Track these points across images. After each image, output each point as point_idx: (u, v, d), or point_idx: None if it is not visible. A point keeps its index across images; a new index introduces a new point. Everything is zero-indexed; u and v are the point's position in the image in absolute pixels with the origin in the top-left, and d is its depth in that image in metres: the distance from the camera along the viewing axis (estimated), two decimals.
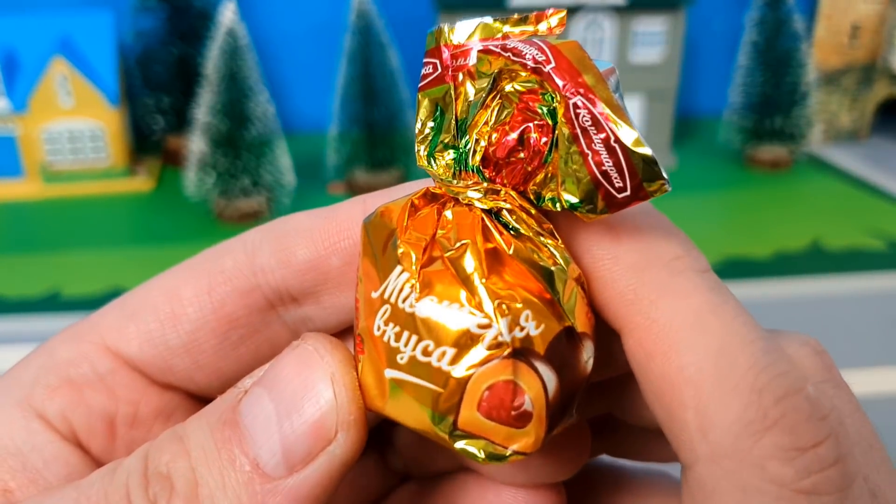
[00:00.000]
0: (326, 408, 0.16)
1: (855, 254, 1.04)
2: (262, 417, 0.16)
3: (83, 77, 1.14)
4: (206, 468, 0.15)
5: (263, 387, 0.16)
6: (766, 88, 1.22)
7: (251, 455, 0.16)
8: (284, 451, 0.15)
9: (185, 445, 0.16)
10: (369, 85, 1.13)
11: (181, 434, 0.16)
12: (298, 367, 0.16)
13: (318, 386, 0.16)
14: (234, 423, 0.16)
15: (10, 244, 1.09)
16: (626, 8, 1.18)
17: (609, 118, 0.19)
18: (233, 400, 0.16)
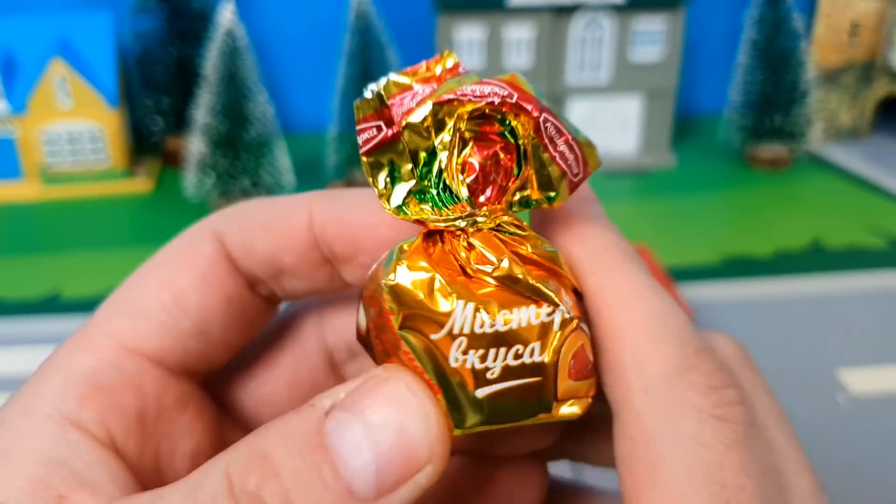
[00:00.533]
0: (419, 440, 0.17)
1: (855, 252, 1.04)
2: (352, 443, 0.17)
3: (82, 78, 1.14)
4: (299, 490, 0.16)
5: (353, 413, 0.17)
6: (766, 87, 1.23)
7: (345, 480, 0.17)
8: (377, 478, 0.17)
9: (274, 465, 0.16)
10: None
11: (265, 453, 0.17)
12: (392, 401, 0.18)
13: (413, 420, 0.18)
14: (324, 446, 0.17)
15: (9, 246, 1.09)
16: (626, 7, 1.18)
17: (563, 124, 0.23)
18: (316, 422, 0.17)
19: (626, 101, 1.26)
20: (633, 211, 1.17)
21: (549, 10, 1.17)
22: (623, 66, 1.23)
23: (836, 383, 0.78)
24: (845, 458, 0.69)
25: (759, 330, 0.87)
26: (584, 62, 1.23)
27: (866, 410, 0.75)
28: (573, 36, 1.21)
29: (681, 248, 1.04)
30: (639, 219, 1.15)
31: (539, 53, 1.20)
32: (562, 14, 1.19)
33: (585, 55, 1.22)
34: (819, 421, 0.73)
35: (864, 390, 0.78)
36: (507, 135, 0.23)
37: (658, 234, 1.07)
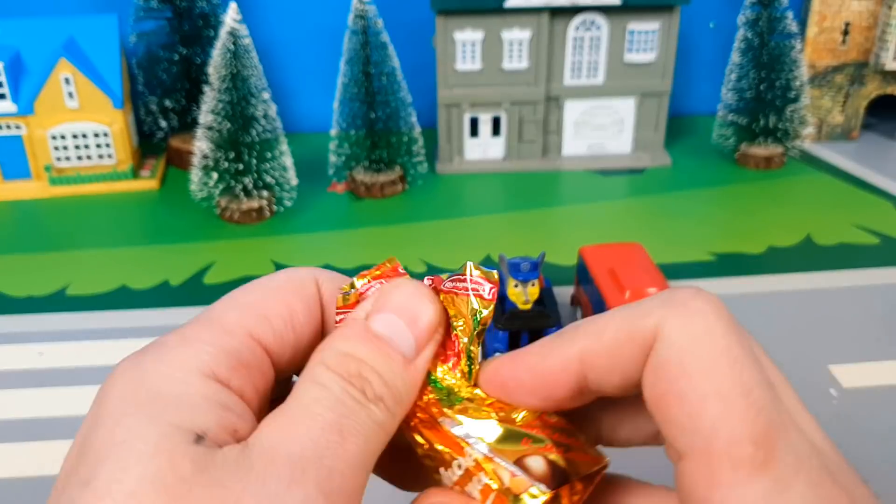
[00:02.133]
0: (432, 312, 0.26)
1: (847, 249, 1.06)
2: (391, 327, 0.25)
3: (88, 79, 1.16)
4: (378, 365, 0.24)
5: (383, 311, 0.25)
6: (759, 87, 1.24)
7: (398, 350, 0.25)
8: (416, 342, 0.25)
9: (354, 355, 0.24)
10: (369, 85, 1.15)
11: (343, 351, 0.24)
12: (405, 292, 0.26)
13: (428, 302, 0.26)
14: (377, 335, 0.25)
15: (17, 244, 1.11)
16: (621, 8, 1.20)
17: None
18: (363, 325, 0.25)
19: (622, 101, 1.27)
20: (627, 209, 1.19)
21: (546, 12, 1.19)
22: (618, 66, 1.25)
23: (828, 378, 0.80)
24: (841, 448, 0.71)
25: (751, 326, 0.89)
26: (580, 63, 1.25)
27: (858, 404, 0.77)
28: (568, 37, 1.22)
29: (675, 245, 1.06)
30: (633, 217, 1.17)
31: (536, 54, 1.21)
32: (558, 15, 1.20)
33: (581, 56, 1.24)
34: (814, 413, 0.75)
35: (856, 385, 0.79)
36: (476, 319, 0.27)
37: (652, 232, 1.09)
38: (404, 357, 0.25)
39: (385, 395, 0.24)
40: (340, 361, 0.24)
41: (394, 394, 0.25)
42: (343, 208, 1.18)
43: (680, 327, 0.23)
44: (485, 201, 1.21)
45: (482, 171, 1.28)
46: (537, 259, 0.79)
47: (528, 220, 1.15)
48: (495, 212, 1.18)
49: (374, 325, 0.25)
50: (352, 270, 1.13)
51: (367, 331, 0.25)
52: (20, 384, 0.83)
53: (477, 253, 1.05)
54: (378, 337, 0.25)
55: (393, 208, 1.18)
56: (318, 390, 0.24)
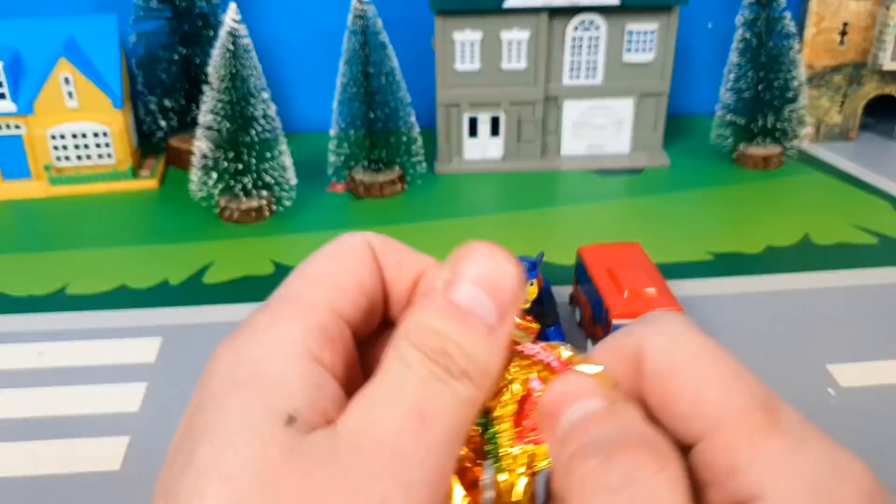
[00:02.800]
0: (512, 277, 0.25)
1: (844, 249, 1.06)
2: (472, 296, 0.24)
3: (88, 79, 1.16)
4: (462, 338, 0.24)
5: (462, 280, 0.24)
6: (758, 87, 1.25)
7: (482, 320, 0.24)
8: (499, 314, 0.24)
9: (437, 330, 0.24)
10: (368, 85, 1.16)
11: (426, 325, 0.24)
12: (482, 258, 0.25)
13: (502, 264, 0.25)
14: (459, 307, 0.24)
15: (17, 243, 1.11)
16: (620, 8, 1.20)
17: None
18: (443, 297, 0.24)
19: (620, 101, 1.28)
20: (626, 209, 1.19)
21: (545, 12, 1.19)
22: (616, 67, 1.25)
23: (826, 377, 0.80)
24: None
25: (749, 325, 0.89)
26: (579, 63, 1.25)
27: (856, 403, 0.77)
28: (568, 36, 1.22)
29: (673, 245, 1.06)
30: (632, 217, 1.17)
31: (535, 55, 1.22)
32: (557, 16, 1.21)
33: (580, 56, 1.24)
34: (811, 414, 0.75)
35: (854, 384, 0.79)
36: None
37: (651, 232, 1.09)
38: (487, 327, 0.24)
39: (470, 369, 0.24)
40: (424, 337, 0.24)
41: (480, 366, 0.24)
42: (342, 208, 1.18)
43: (660, 337, 0.25)
44: (484, 201, 1.22)
45: (481, 171, 1.28)
46: (536, 259, 0.80)
47: (527, 220, 1.15)
48: (494, 212, 1.19)
49: (455, 296, 0.24)
50: None
51: (448, 303, 0.24)
52: (20, 383, 0.84)
53: None
54: (460, 308, 0.24)
55: (392, 208, 1.18)
56: (401, 370, 0.23)
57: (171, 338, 0.89)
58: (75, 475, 0.72)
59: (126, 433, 0.77)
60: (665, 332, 0.25)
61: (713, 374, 0.24)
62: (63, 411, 0.80)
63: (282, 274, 1.03)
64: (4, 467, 0.73)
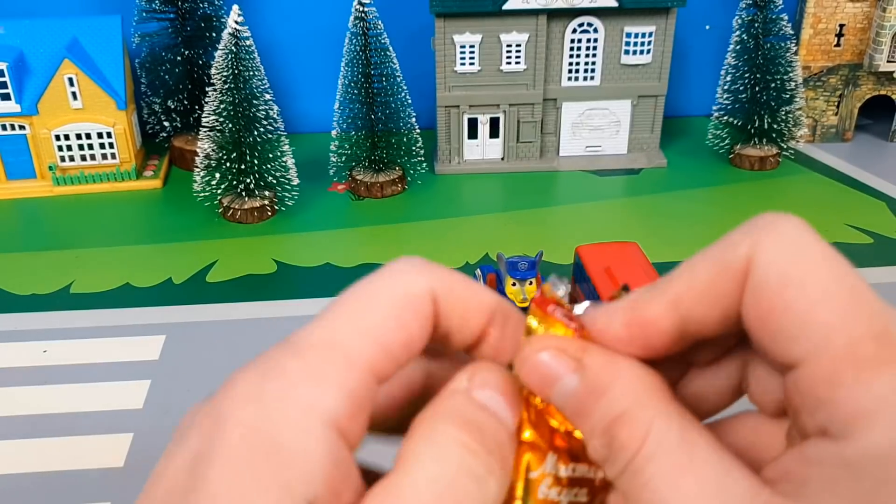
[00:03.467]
0: (515, 394, 0.25)
1: (841, 248, 1.06)
2: (497, 402, 0.24)
3: (92, 80, 1.17)
4: (497, 432, 0.23)
5: (481, 385, 0.24)
6: (754, 88, 1.25)
7: (503, 420, 0.24)
8: (515, 420, 0.24)
9: (468, 419, 0.23)
10: (369, 87, 1.17)
11: (458, 415, 0.23)
12: (496, 371, 0.25)
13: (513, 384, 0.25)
14: (483, 406, 0.24)
15: (21, 243, 1.12)
16: (618, 10, 1.21)
17: None
18: (467, 397, 0.24)
19: (618, 102, 1.29)
20: (623, 209, 1.20)
21: (544, 15, 1.20)
22: (615, 68, 1.26)
23: None
24: None
25: None
26: (578, 65, 1.26)
27: None
28: (567, 39, 1.24)
29: (670, 244, 1.07)
30: (629, 217, 1.18)
31: (534, 57, 1.23)
32: (556, 18, 1.22)
33: (578, 58, 1.25)
34: None
35: None
36: None
37: (648, 232, 1.10)
38: (504, 424, 0.24)
39: (500, 464, 0.23)
40: (460, 426, 0.23)
41: (506, 468, 0.23)
42: (343, 207, 1.20)
43: (772, 246, 0.22)
44: (483, 201, 1.23)
45: (481, 172, 1.29)
46: (535, 258, 0.81)
47: (526, 220, 1.16)
48: (493, 211, 1.20)
49: (479, 396, 0.24)
50: (352, 268, 1.14)
51: (472, 401, 0.24)
52: (25, 381, 0.85)
53: (475, 252, 1.07)
54: (487, 407, 0.24)
55: (393, 208, 1.19)
56: (434, 467, 0.22)
57: (174, 336, 0.90)
58: (79, 471, 0.73)
59: (130, 430, 0.78)
60: (780, 238, 0.22)
61: (828, 291, 0.21)
62: (67, 408, 0.81)
63: (284, 272, 1.04)
64: (9, 464, 0.74)
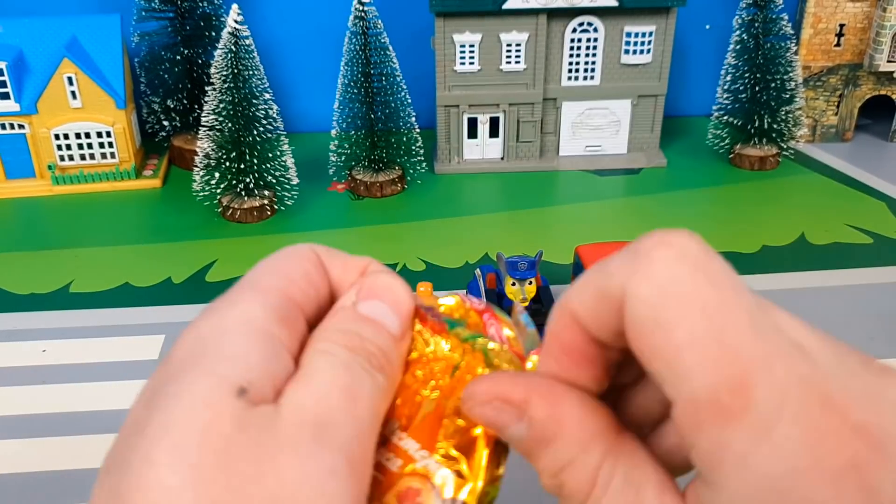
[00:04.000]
0: (409, 298, 0.28)
1: (840, 249, 1.07)
2: (381, 311, 0.28)
3: (91, 79, 1.17)
4: (378, 339, 0.27)
5: (370, 297, 0.28)
6: (754, 88, 1.25)
7: (388, 328, 0.27)
8: (401, 325, 0.28)
9: (357, 332, 0.27)
10: (369, 86, 1.17)
11: (347, 328, 0.27)
12: (386, 281, 0.28)
13: (401, 289, 0.28)
14: (368, 318, 0.27)
15: (21, 242, 1.12)
16: (618, 10, 1.21)
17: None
18: (354, 310, 0.28)
19: (618, 102, 1.29)
20: (623, 209, 1.20)
21: (544, 14, 1.20)
22: (614, 67, 1.26)
23: None
24: None
25: None
26: (577, 65, 1.26)
27: None
28: (566, 39, 1.23)
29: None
30: (629, 216, 1.18)
31: (533, 56, 1.23)
32: (555, 17, 1.22)
33: (578, 58, 1.25)
34: None
35: None
36: None
37: (648, 231, 1.10)
38: (393, 335, 0.28)
39: (385, 365, 0.27)
40: (344, 336, 0.26)
41: (392, 366, 0.27)
42: (343, 207, 1.19)
43: (643, 283, 0.22)
44: (483, 201, 1.23)
45: (480, 171, 1.29)
46: (534, 258, 0.81)
47: (526, 220, 1.16)
48: (493, 211, 1.20)
49: (364, 310, 0.28)
50: None
51: (359, 314, 0.27)
52: (24, 381, 0.84)
53: (475, 252, 1.07)
54: (371, 318, 0.27)
55: (392, 207, 1.19)
56: (328, 359, 0.26)
57: (173, 335, 0.90)
58: (79, 471, 0.73)
59: None
60: (651, 277, 0.22)
61: (694, 335, 0.21)
62: (66, 408, 0.81)
63: None
64: (8, 464, 0.74)
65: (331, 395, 0.24)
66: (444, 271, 1.03)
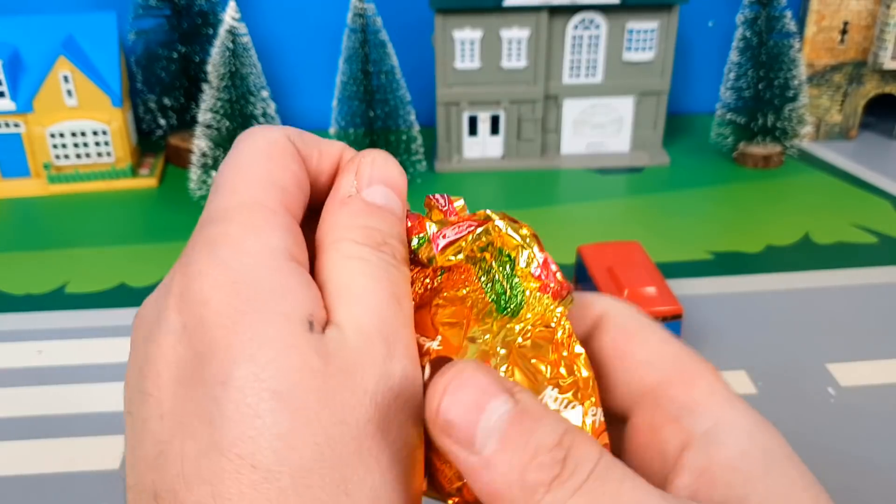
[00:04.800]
0: (404, 175, 0.29)
1: (844, 248, 1.06)
2: (386, 196, 0.28)
3: (87, 77, 1.16)
4: (392, 229, 0.27)
5: (379, 183, 0.28)
6: (758, 86, 1.25)
7: (394, 213, 0.28)
8: (403, 206, 0.28)
9: (375, 226, 0.27)
10: (368, 84, 1.16)
11: (364, 224, 0.27)
12: (387, 163, 0.28)
13: (397, 167, 0.29)
14: (378, 206, 0.27)
15: (16, 242, 1.11)
16: (620, 6, 1.20)
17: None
18: (362, 199, 0.27)
19: (620, 99, 1.28)
20: (626, 208, 1.19)
21: (545, 11, 1.19)
22: (617, 65, 1.25)
23: (826, 376, 0.80)
24: (839, 446, 0.71)
25: (749, 324, 0.89)
26: (579, 62, 1.25)
27: (856, 402, 0.77)
28: (568, 36, 1.22)
29: (673, 244, 1.06)
30: (632, 215, 1.17)
31: (535, 53, 1.22)
32: (557, 14, 1.21)
33: (580, 55, 1.24)
34: (811, 413, 0.76)
35: (854, 383, 0.80)
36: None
37: (651, 231, 1.09)
38: (400, 218, 0.28)
39: (403, 253, 0.27)
40: (365, 234, 0.26)
41: (406, 251, 0.28)
42: None
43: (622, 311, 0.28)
44: (483, 199, 1.22)
45: (481, 170, 1.28)
46: None
47: (527, 219, 1.12)
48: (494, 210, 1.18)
49: (371, 197, 0.28)
50: None
51: (369, 204, 0.27)
52: (19, 382, 0.84)
53: None
54: (380, 207, 0.27)
55: None
56: (363, 267, 0.25)
57: None
58: (74, 474, 0.72)
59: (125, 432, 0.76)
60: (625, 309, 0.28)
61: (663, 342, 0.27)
62: (62, 410, 0.80)
63: None
64: (3, 466, 0.73)
65: (382, 306, 0.25)
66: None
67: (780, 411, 0.76)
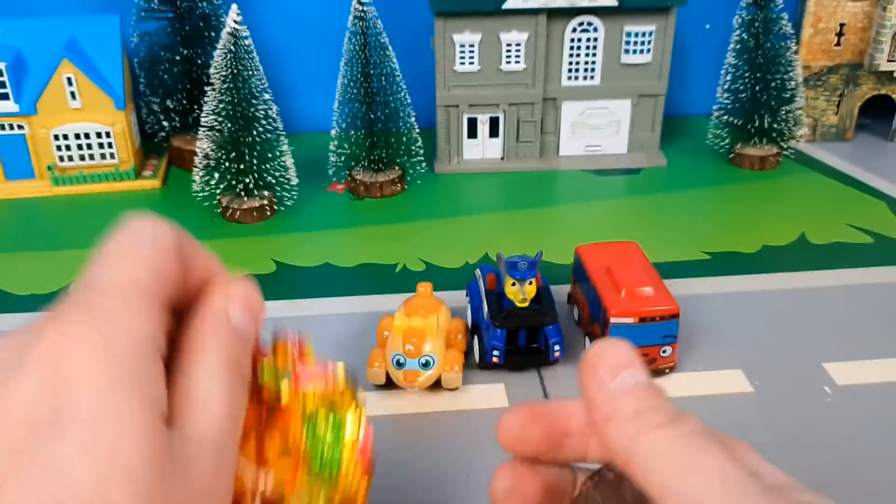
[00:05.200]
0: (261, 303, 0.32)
1: (841, 248, 1.07)
2: (246, 323, 0.30)
3: (90, 79, 1.17)
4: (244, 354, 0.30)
5: (245, 307, 0.31)
6: (754, 88, 1.25)
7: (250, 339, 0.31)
8: (257, 334, 0.31)
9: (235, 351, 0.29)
10: (368, 86, 1.16)
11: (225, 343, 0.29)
12: (255, 294, 0.32)
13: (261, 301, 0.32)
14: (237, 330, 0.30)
15: (20, 243, 1.12)
16: (618, 10, 1.21)
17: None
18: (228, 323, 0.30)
19: (618, 102, 1.29)
20: (624, 208, 1.20)
21: (543, 14, 1.20)
22: (614, 67, 1.26)
23: (822, 376, 0.81)
24: (835, 444, 0.72)
25: (745, 324, 0.90)
26: (577, 64, 1.26)
27: (852, 401, 0.78)
28: (566, 39, 1.23)
29: (670, 244, 1.07)
30: (630, 216, 1.18)
31: (533, 56, 1.23)
32: (555, 17, 1.22)
33: (578, 58, 1.25)
34: (807, 412, 0.76)
35: (850, 382, 0.80)
36: None
37: (648, 232, 1.10)
38: (251, 347, 0.31)
39: (250, 380, 0.30)
40: (226, 353, 0.29)
41: (251, 379, 0.31)
42: (343, 207, 1.19)
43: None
44: (483, 201, 1.23)
45: (480, 171, 1.29)
46: (534, 258, 0.80)
47: (526, 220, 1.16)
48: (493, 211, 1.19)
49: (236, 320, 0.30)
50: (351, 268, 1.13)
51: (232, 326, 0.30)
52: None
53: (475, 252, 1.06)
54: (240, 332, 0.30)
55: (392, 207, 1.19)
56: (216, 383, 0.28)
57: None
58: None
59: None
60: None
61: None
62: None
63: (283, 272, 1.04)
64: None
65: (224, 421, 0.27)
66: (444, 272, 1.02)
67: (777, 410, 0.76)
